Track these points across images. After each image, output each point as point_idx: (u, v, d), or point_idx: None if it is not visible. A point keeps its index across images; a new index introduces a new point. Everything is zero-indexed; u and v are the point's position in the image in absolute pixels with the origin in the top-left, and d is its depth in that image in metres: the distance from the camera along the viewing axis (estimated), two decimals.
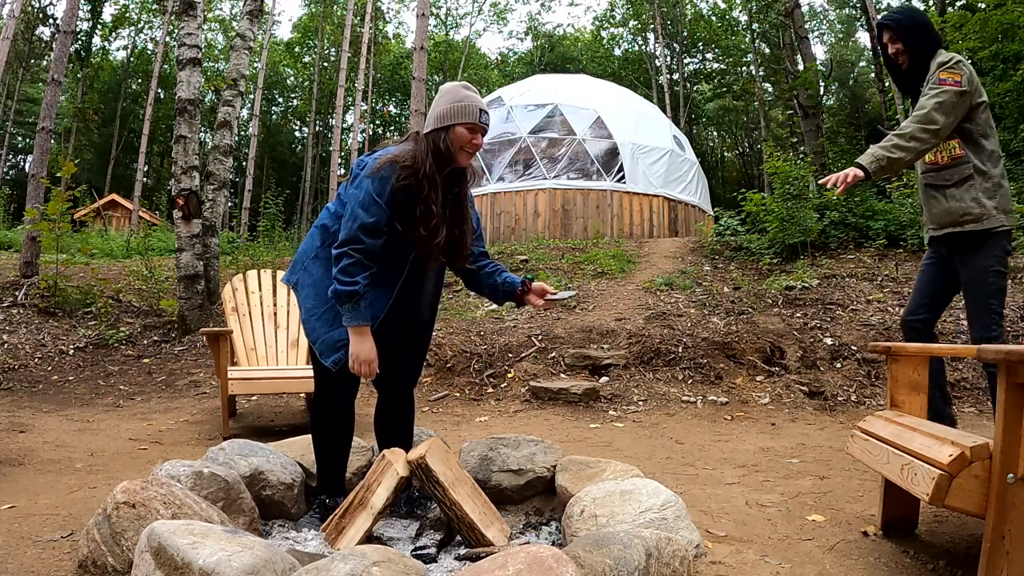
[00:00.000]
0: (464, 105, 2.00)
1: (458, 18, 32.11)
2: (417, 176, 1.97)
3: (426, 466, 1.82)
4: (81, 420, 4.04)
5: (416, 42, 8.70)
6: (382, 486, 1.85)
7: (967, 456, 1.47)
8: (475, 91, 2.07)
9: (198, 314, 5.99)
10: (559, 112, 11.31)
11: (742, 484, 2.69)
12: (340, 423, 2.15)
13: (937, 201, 2.62)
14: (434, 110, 2.04)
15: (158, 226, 14.64)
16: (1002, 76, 12.43)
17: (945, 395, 2.70)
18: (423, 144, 2.02)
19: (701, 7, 26.07)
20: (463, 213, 2.16)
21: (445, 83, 2.09)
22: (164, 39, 20.81)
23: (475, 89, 2.09)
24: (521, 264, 7.66)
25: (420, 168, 1.97)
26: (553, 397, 4.49)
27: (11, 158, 27.28)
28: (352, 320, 1.95)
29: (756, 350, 4.87)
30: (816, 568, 1.82)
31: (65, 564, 1.78)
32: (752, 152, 30.34)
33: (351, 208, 1.98)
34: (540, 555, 1.32)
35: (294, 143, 34.14)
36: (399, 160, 1.97)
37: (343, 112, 20.28)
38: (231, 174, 8.09)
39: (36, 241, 6.99)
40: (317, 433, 2.18)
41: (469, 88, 2.08)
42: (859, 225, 7.27)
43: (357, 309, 1.94)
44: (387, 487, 1.85)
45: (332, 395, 2.12)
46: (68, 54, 8.39)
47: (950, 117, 2.47)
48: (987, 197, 2.51)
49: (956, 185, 2.57)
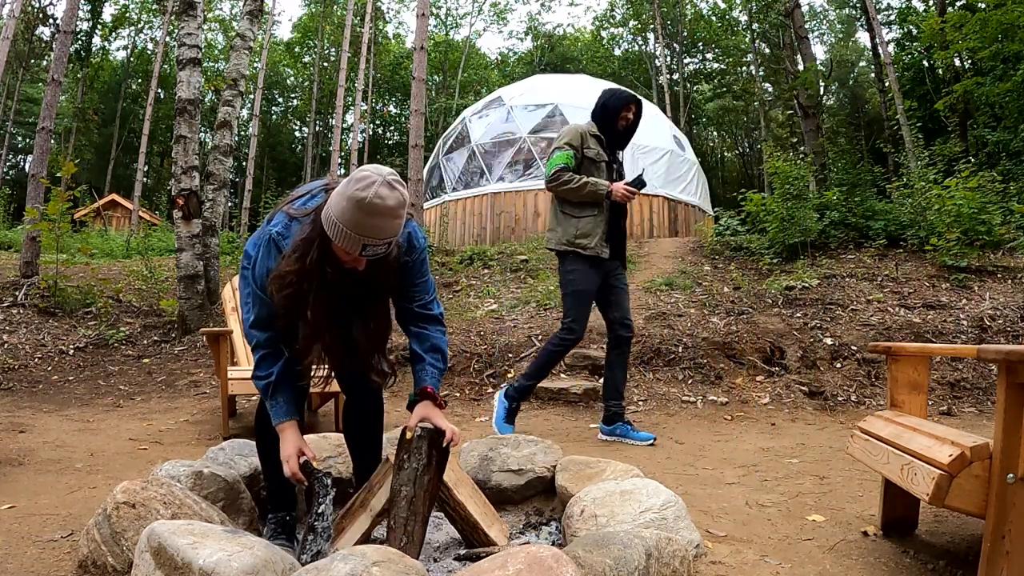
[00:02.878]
0: (346, 233, 1.57)
1: (458, 18, 32.13)
2: (298, 277, 1.67)
3: None
4: (81, 420, 4.04)
5: (416, 42, 8.70)
6: (383, 488, 1.85)
7: (967, 456, 1.47)
8: (386, 211, 1.55)
9: (198, 314, 5.99)
10: (559, 112, 11.31)
11: (742, 484, 2.69)
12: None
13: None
14: (332, 202, 1.60)
15: (158, 226, 14.64)
16: (1002, 76, 12.43)
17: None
18: (316, 232, 1.66)
19: (701, 7, 26.08)
20: (370, 308, 1.82)
21: (365, 171, 1.58)
22: (164, 39, 20.80)
23: (391, 203, 1.56)
24: (521, 264, 7.66)
25: (302, 271, 1.66)
26: (553, 397, 4.49)
27: (11, 158, 27.29)
28: (273, 417, 1.79)
29: (756, 350, 4.87)
30: (816, 568, 1.82)
31: (65, 564, 1.78)
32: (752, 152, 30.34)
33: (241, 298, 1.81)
34: (540, 555, 1.32)
35: (294, 143, 34.14)
36: (278, 270, 1.70)
37: (343, 112, 20.26)
38: (231, 174, 8.09)
39: (36, 241, 6.99)
40: (262, 449, 1.98)
41: (374, 211, 1.54)
42: (859, 225, 7.27)
43: (276, 404, 1.78)
44: (388, 489, 1.85)
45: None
46: (68, 54, 8.38)
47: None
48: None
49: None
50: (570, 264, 3.45)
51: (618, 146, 3.63)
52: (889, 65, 14.82)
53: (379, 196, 1.54)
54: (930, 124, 15.31)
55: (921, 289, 5.80)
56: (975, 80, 12.98)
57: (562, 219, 3.49)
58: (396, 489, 1.74)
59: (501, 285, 7.01)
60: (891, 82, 14.74)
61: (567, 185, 3.40)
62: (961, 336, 4.93)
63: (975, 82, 12.86)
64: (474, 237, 10.72)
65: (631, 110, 3.53)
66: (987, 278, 5.96)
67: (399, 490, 1.73)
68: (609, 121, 3.53)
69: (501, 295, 6.60)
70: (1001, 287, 5.76)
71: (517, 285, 6.99)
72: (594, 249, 3.41)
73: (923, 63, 18.60)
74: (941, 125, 13.28)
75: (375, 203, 1.53)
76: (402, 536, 1.69)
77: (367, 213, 1.54)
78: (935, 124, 14.80)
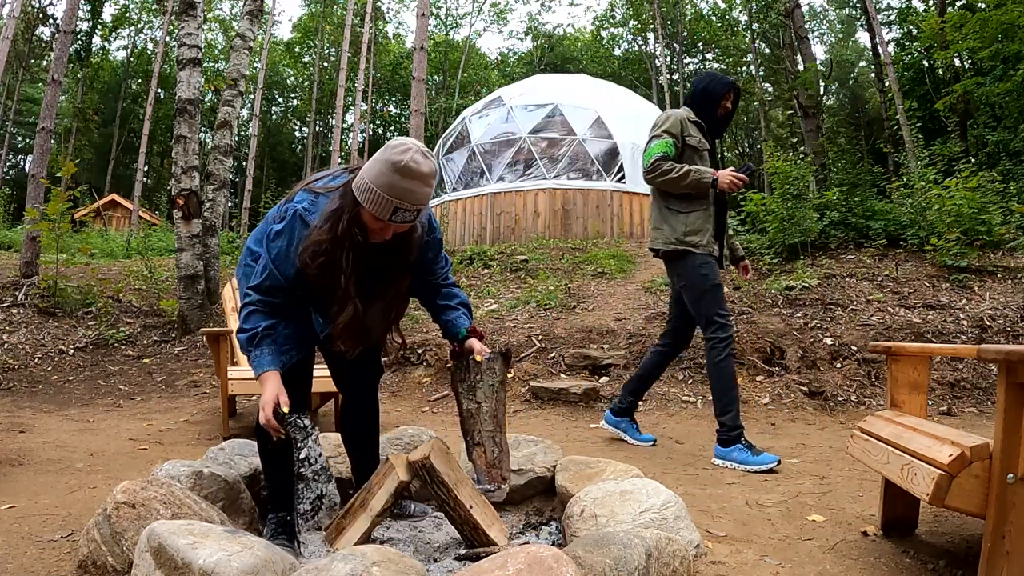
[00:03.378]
0: (380, 196, 1.63)
1: (458, 18, 32.15)
2: (332, 244, 1.72)
3: (431, 466, 1.82)
4: (81, 420, 4.04)
5: (416, 42, 8.70)
6: (383, 489, 1.85)
7: (967, 456, 1.47)
8: (419, 176, 1.63)
9: (198, 314, 5.99)
10: (559, 112, 11.31)
11: (742, 484, 2.69)
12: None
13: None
14: (366, 169, 1.69)
15: (158, 226, 14.65)
16: (1002, 76, 12.43)
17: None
18: (347, 203, 1.72)
19: (701, 7, 26.10)
20: (393, 282, 1.87)
21: (400, 139, 1.67)
22: (164, 39, 20.80)
23: (425, 169, 1.64)
24: (521, 264, 7.66)
25: (335, 239, 1.71)
26: (553, 397, 4.49)
27: (11, 158, 27.30)
28: (256, 367, 1.76)
29: (756, 350, 4.86)
30: (816, 568, 1.82)
31: (65, 564, 1.78)
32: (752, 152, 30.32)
33: (262, 259, 1.82)
34: (540, 555, 1.32)
35: (294, 143, 34.14)
36: (310, 239, 1.73)
37: (343, 112, 20.27)
38: (231, 174, 8.10)
39: (36, 241, 6.99)
40: (263, 448, 1.98)
41: (409, 173, 1.62)
42: (859, 225, 7.27)
43: (260, 354, 1.76)
44: (387, 490, 1.85)
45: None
46: (68, 54, 8.39)
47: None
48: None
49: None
50: (690, 262, 3.11)
51: (716, 135, 3.34)
52: (889, 65, 14.82)
53: (415, 161, 1.62)
54: (930, 124, 15.32)
55: (921, 289, 5.80)
56: (975, 80, 12.98)
57: (668, 216, 3.18)
58: (472, 409, 1.91)
59: (501, 285, 7.01)
60: (891, 82, 14.75)
61: (668, 175, 3.07)
62: (961, 336, 4.93)
63: (975, 82, 12.86)
64: (474, 237, 10.73)
65: (729, 97, 3.24)
66: (987, 278, 5.96)
67: (478, 407, 1.90)
68: (710, 107, 3.23)
69: (501, 295, 6.60)
70: (1001, 287, 5.76)
71: (517, 285, 6.99)
72: (706, 247, 3.11)
73: (923, 63, 18.60)
74: (941, 125, 13.29)
75: (411, 166, 1.61)
76: (493, 448, 1.89)
77: (403, 175, 1.61)
78: (935, 124, 14.81)
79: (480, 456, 1.91)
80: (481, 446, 1.90)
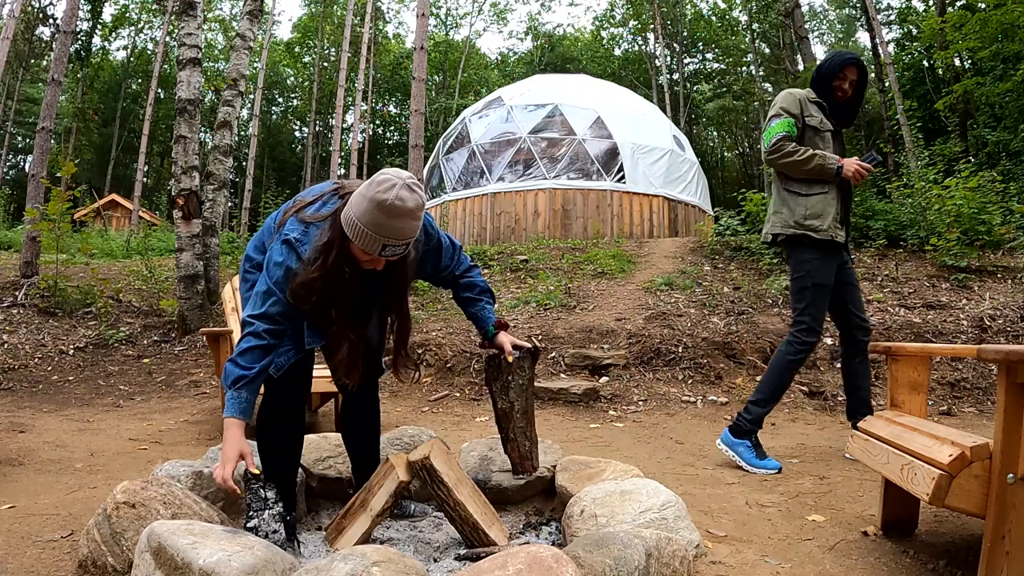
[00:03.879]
0: (367, 234, 1.62)
1: (458, 18, 32.14)
2: (323, 283, 1.71)
3: (431, 467, 1.82)
4: (81, 420, 4.04)
5: (416, 42, 8.70)
6: (383, 489, 1.86)
7: (967, 456, 1.47)
8: (406, 213, 1.61)
9: (198, 314, 5.99)
10: (559, 112, 11.32)
11: (742, 484, 2.69)
12: (288, 431, 1.94)
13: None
14: (353, 202, 1.66)
15: (158, 226, 14.63)
16: (1002, 76, 12.43)
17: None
18: (336, 235, 1.70)
19: (701, 7, 26.08)
20: (389, 304, 1.89)
21: (386, 174, 1.64)
22: (164, 39, 20.79)
23: (411, 205, 1.61)
24: (521, 264, 7.66)
25: (325, 276, 1.70)
26: (553, 397, 4.49)
27: (11, 158, 27.29)
28: (228, 408, 1.69)
29: (756, 350, 4.87)
30: (816, 568, 1.82)
31: (65, 564, 1.78)
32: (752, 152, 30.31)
33: (262, 280, 1.78)
34: (540, 555, 1.32)
35: (294, 143, 34.13)
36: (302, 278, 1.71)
37: (343, 112, 20.25)
38: (231, 174, 8.10)
39: (36, 241, 6.99)
40: (262, 449, 1.94)
41: (395, 212, 1.59)
42: (859, 225, 7.27)
43: (240, 399, 1.69)
44: (387, 490, 1.85)
45: (278, 405, 1.90)
46: (68, 54, 8.38)
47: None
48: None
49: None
50: (804, 253, 2.97)
51: (843, 122, 3.14)
52: (889, 65, 14.82)
53: (400, 199, 1.59)
54: (930, 124, 15.31)
55: (921, 289, 5.80)
56: (975, 80, 12.99)
57: (787, 198, 3.02)
58: (506, 408, 2.06)
59: (501, 285, 7.01)
60: (891, 82, 14.74)
61: (791, 157, 2.92)
62: (961, 336, 4.93)
63: (975, 82, 12.86)
64: (474, 237, 10.73)
65: (846, 78, 3.01)
66: (987, 278, 5.96)
67: (511, 406, 2.06)
68: (824, 86, 3.03)
69: (501, 295, 6.60)
70: (1001, 287, 5.76)
71: (517, 285, 6.99)
72: (827, 232, 2.93)
73: (923, 63, 18.59)
74: (941, 125, 13.30)
75: (396, 205, 1.59)
76: (525, 441, 2.08)
77: (388, 215, 1.59)
78: (935, 124, 14.81)
79: (514, 450, 2.11)
80: (515, 441, 2.09)
